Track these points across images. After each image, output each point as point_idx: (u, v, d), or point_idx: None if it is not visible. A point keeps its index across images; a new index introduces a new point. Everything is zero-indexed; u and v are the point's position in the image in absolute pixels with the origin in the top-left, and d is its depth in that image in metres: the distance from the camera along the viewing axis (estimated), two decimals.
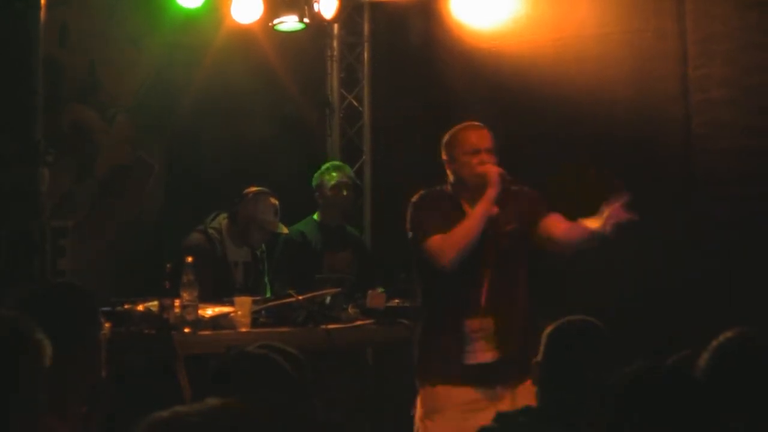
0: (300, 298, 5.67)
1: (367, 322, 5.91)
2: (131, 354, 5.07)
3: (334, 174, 6.95)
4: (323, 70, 8.15)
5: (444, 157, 4.94)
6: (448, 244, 4.65)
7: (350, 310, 5.92)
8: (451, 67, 7.49)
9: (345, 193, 6.92)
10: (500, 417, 3.24)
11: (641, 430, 2.45)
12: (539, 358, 3.28)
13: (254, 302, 5.62)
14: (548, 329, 3.30)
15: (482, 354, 4.70)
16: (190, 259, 5.37)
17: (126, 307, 5.38)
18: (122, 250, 7.31)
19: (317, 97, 8.13)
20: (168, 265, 5.35)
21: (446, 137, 4.98)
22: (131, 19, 7.27)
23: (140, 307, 5.36)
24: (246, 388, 2.26)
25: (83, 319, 2.97)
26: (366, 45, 8.12)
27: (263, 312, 5.63)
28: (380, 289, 6.10)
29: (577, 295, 5.78)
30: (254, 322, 5.50)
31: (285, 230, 6.69)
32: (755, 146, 6.35)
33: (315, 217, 6.97)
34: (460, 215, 4.77)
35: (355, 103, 8.14)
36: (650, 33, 6.72)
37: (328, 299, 5.83)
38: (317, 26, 7.61)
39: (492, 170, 4.74)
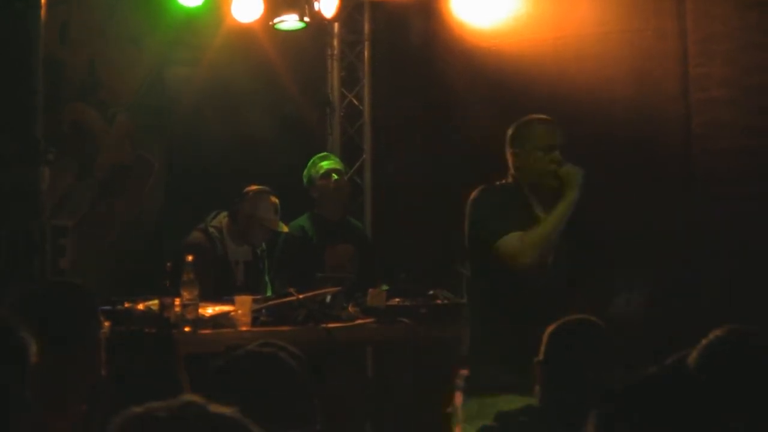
0: (300, 296, 5.68)
1: (368, 321, 5.91)
2: (131, 353, 5.08)
3: (321, 164, 6.97)
4: (324, 68, 8.15)
5: (511, 149, 4.69)
6: (529, 243, 4.41)
7: (350, 308, 5.91)
8: (452, 66, 7.49)
9: (335, 177, 6.92)
10: (500, 416, 3.24)
11: (641, 430, 2.46)
12: (540, 357, 3.28)
13: (255, 301, 5.62)
14: (549, 329, 3.30)
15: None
16: (190, 257, 5.37)
17: (126, 306, 5.38)
18: (122, 249, 7.31)
19: (318, 96, 8.13)
20: (168, 264, 5.35)
21: (515, 129, 4.73)
22: (131, 18, 7.27)
23: (140, 306, 5.37)
24: (251, 387, 2.26)
25: (83, 318, 2.98)
26: (366, 44, 8.12)
27: (263, 311, 5.64)
28: (383, 287, 6.10)
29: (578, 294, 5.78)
30: (254, 321, 5.51)
31: (285, 229, 6.69)
32: (755, 146, 6.35)
33: (315, 211, 6.97)
34: (527, 213, 4.56)
35: (356, 102, 8.14)
36: (650, 32, 6.72)
37: (329, 298, 5.83)
38: (317, 25, 7.61)
39: (576, 171, 4.53)
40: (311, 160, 7.05)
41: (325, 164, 6.96)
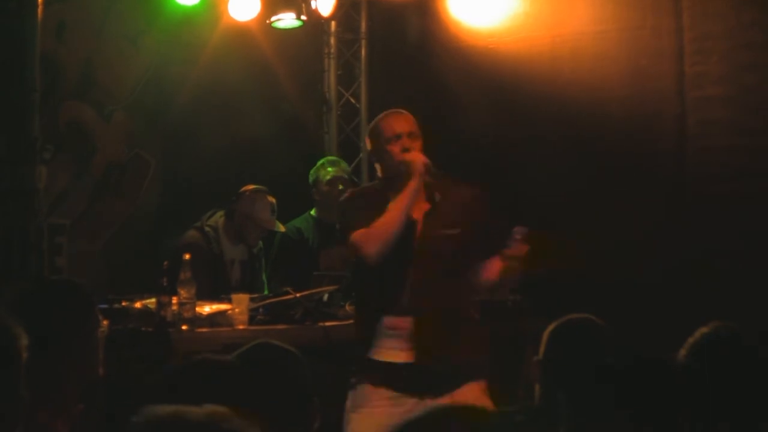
0: (297, 295, 5.67)
1: None
2: (128, 351, 5.07)
3: (329, 169, 6.95)
4: (320, 67, 8.15)
5: (369, 149, 4.79)
6: (370, 236, 4.46)
7: (347, 307, 5.91)
8: (449, 65, 7.49)
9: (341, 187, 6.90)
10: (498, 416, 3.23)
11: (634, 419, 2.50)
12: (540, 356, 3.28)
13: (252, 299, 5.62)
14: (549, 327, 3.30)
15: (392, 353, 4.52)
16: (187, 256, 5.37)
17: (123, 304, 5.38)
18: (119, 247, 7.31)
19: (314, 95, 8.13)
20: (165, 263, 5.35)
21: (369, 129, 4.84)
22: (128, 17, 7.26)
23: (137, 305, 5.36)
24: (252, 386, 2.26)
25: (81, 316, 2.97)
26: (363, 42, 8.12)
27: (261, 309, 5.64)
28: None
29: (576, 293, 5.79)
30: (252, 320, 5.50)
31: (282, 228, 6.69)
32: (751, 144, 6.36)
33: (312, 213, 6.97)
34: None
35: (353, 101, 8.13)
36: (647, 30, 6.72)
37: (326, 296, 5.83)
38: (314, 23, 7.61)
39: (415, 158, 4.51)
40: (321, 162, 7.03)
41: (333, 170, 6.93)
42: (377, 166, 4.74)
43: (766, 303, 5.85)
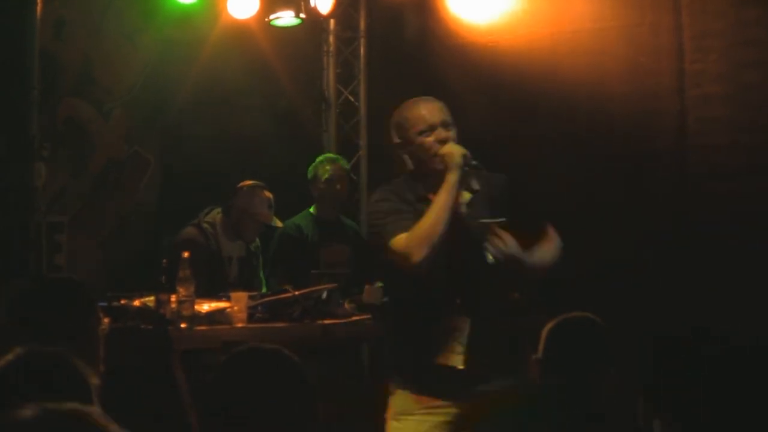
0: (296, 293, 5.67)
1: (364, 317, 5.91)
2: (128, 349, 5.07)
3: (327, 167, 6.94)
4: (319, 65, 8.15)
5: (396, 141, 4.31)
6: (415, 241, 4.03)
7: (346, 305, 5.91)
8: (448, 62, 7.49)
9: (338, 187, 6.90)
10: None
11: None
12: (539, 354, 3.29)
13: (250, 297, 5.62)
14: (548, 326, 3.30)
15: (453, 357, 4.16)
16: (186, 254, 5.37)
17: (122, 302, 5.38)
18: (118, 244, 7.30)
19: (313, 93, 8.13)
20: (164, 260, 5.35)
21: (395, 118, 4.36)
22: (126, 14, 7.26)
23: (136, 302, 5.37)
24: (252, 384, 2.26)
25: (82, 313, 2.98)
26: (362, 40, 8.12)
27: (259, 307, 5.64)
28: (378, 284, 6.09)
29: (573, 291, 5.80)
30: (250, 318, 5.50)
31: (279, 223, 6.69)
32: (750, 142, 6.36)
33: (311, 210, 6.96)
34: (426, 207, 4.14)
35: (351, 98, 8.14)
36: (646, 27, 6.72)
37: (325, 294, 5.83)
38: (313, 21, 7.62)
39: (453, 151, 4.14)
40: (320, 158, 7.02)
41: (331, 168, 6.92)
42: (405, 158, 4.33)
43: (765, 300, 5.86)
